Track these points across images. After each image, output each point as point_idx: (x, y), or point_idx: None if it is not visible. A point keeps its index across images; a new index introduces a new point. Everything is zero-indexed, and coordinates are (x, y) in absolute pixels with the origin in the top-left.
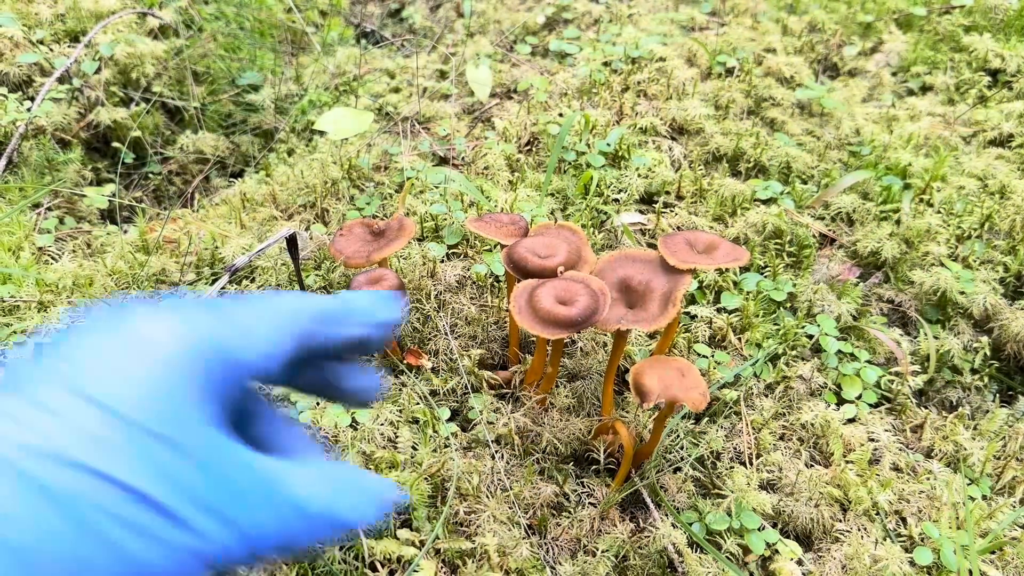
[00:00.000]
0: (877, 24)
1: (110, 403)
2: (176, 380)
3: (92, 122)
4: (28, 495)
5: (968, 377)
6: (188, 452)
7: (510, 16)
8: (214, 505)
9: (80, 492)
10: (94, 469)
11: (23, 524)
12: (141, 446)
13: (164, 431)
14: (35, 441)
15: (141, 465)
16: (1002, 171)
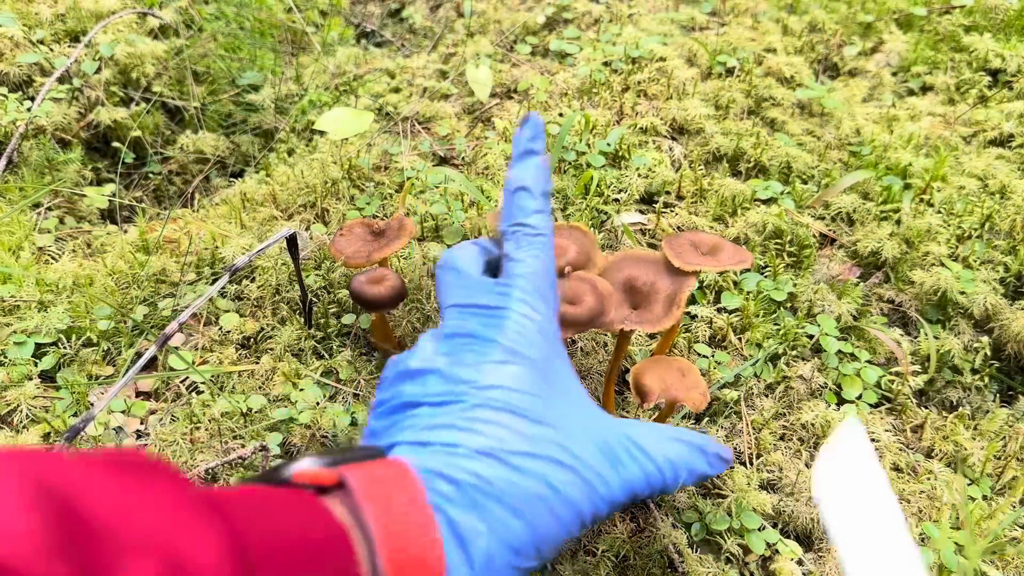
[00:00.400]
0: (877, 24)
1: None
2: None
3: (92, 122)
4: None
5: (968, 377)
6: (586, 435)
7: (510, 16)
8: (610, 465)
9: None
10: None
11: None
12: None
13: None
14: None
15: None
16: (1002, 171)
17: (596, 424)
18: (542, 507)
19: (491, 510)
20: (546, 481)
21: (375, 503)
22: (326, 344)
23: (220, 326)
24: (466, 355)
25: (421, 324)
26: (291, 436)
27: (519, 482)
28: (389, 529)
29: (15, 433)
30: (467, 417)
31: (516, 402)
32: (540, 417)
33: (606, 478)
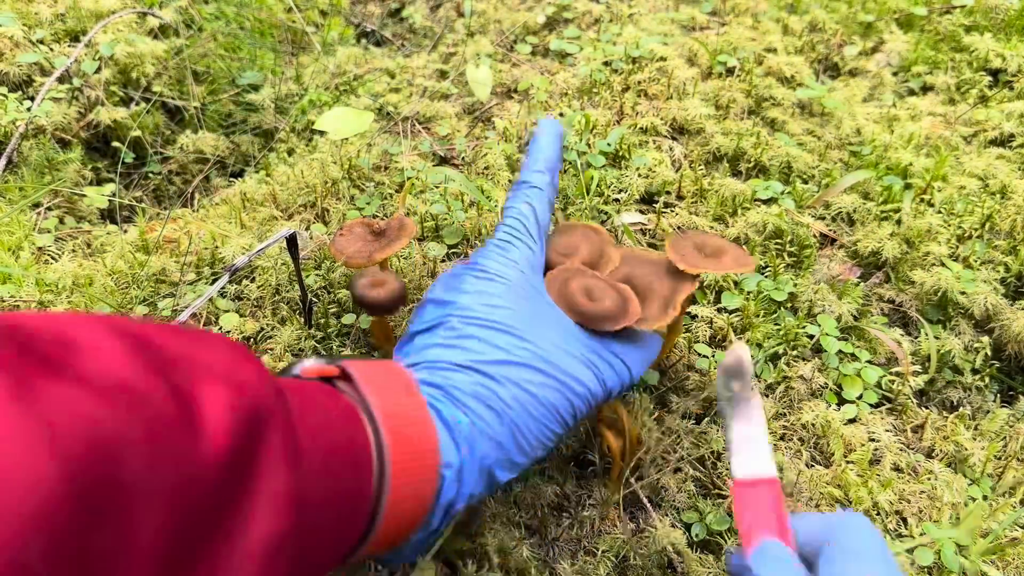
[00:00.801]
0: (878, 24)
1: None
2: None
3: (92, 122)
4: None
5: (969, 377)
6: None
7: (510, 16)
8: (584, 366)
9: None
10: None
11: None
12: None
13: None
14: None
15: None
16: (1003, 171)
17: (568, 334)
18: (518, 407)
19: (471, 406)
20: (520, 385)
21: (374, 386)
22: (326, 344)
23: (220, 326)
24: (453, 281)
25: None
26: None
27: (494, 387)
28: (388, 408)
29: None
30: (447, 336)
31: (491, 316)
32: (512, 328)
33: (582, 380)
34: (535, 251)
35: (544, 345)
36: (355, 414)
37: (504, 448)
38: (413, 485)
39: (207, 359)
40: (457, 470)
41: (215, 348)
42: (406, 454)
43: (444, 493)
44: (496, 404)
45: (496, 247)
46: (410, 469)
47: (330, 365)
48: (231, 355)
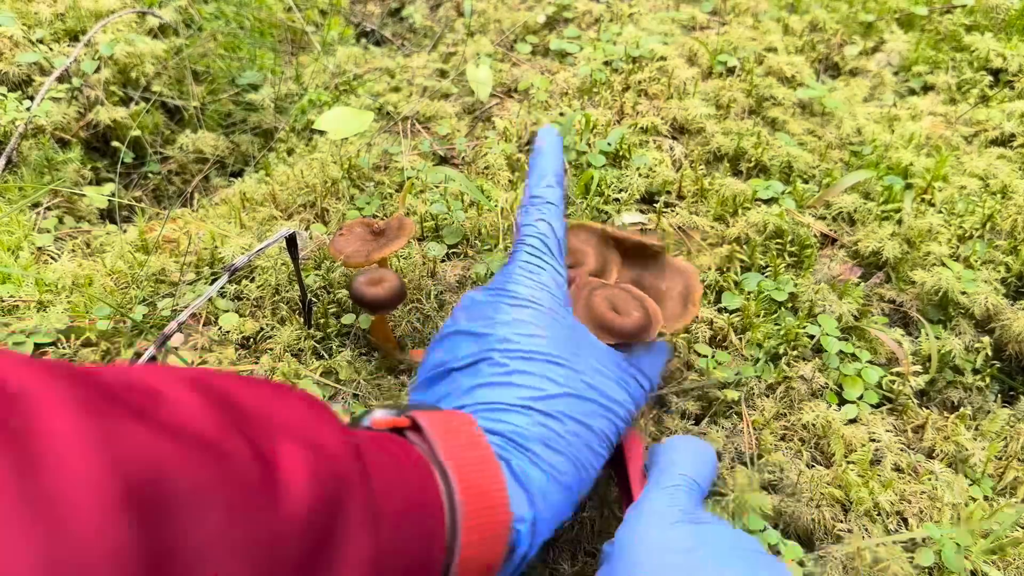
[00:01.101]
0: (878, 23)
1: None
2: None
3: (91, 121)
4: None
5: (970, 377)
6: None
7: (510, 15)
8: (621, 388)
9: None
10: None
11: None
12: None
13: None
14: None
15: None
16: (1004, 171)
17: (602, 355)
18: (578, 442)
19: (538, 453)
20: (576, 419)
21: (444, 439)
22: (326, 344)
23: (219, 326)
24: (483, 310)
25: (421, 324)
26: None
27: (555, 426)
28: (459, 462)
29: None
30: (494, 373)
31: (533, 346)
32: (556, 357)
33: (621, 401)
34: (560, 271)
35: (586, 370)
36: (427, 468)
37: (572, 489)
38: (485, 541)
39: (285, 417)
40: (531, 523)
41: (293, 406)
42: (478, 508)
43: (519, 547)
44: (560, 444)
45: (523, 269)
46: (482, 525)
47: (400, 416)
48: (309, 413)
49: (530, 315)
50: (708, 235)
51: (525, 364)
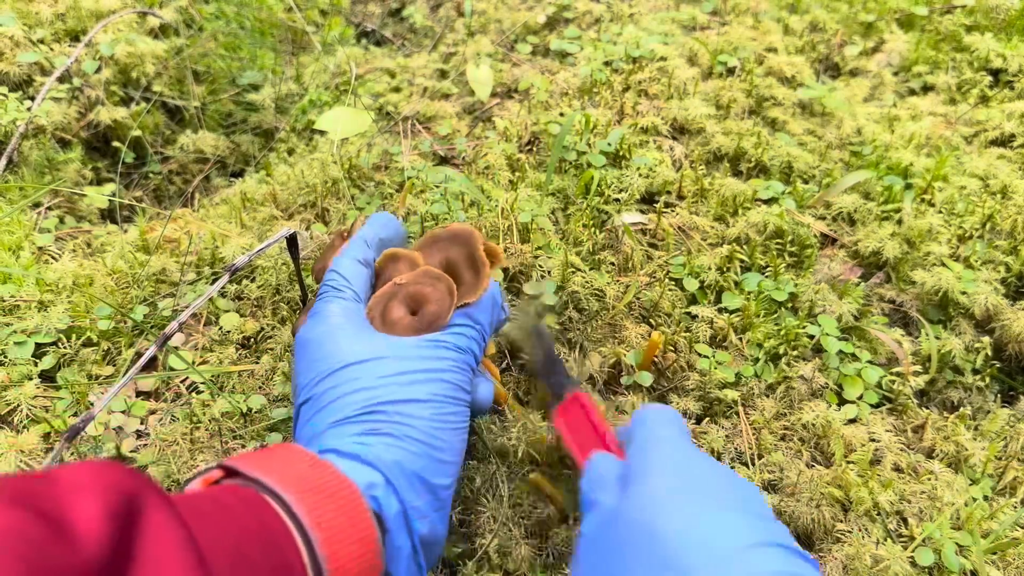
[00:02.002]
0: (879, 24)
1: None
2: None
3: (92, 121)
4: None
5: (970, 377)
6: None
7: (511, 15)
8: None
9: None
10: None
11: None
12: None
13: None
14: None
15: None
16: (1004, 171)
17: (400, 345)
18: (408, 407)
19: (369, 441)
20: (399, 397)
21: (264, 466)
22: None
23: (220, 326)
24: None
25: None
26: (291, 436)
27: (378, 414)
28: (288, 478)
29: (15, 433)
30: (316, 405)
31: (334, 361)
32: (354, 361)
33: (471, 348)
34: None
35: (391, 359)
36: (256, 497)
37: (422, 454)
38: (346, 530)
39: (72, 478)
40: (384, 483)
41: (79, 468)
42: (324, 507)
43: (386, 510)
44: (392, 422)
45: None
46: (335, 518)
47: (209, 472)
48: (96, 466)
49: (321, 336)
50: (708, 235)
51: (331, 380)
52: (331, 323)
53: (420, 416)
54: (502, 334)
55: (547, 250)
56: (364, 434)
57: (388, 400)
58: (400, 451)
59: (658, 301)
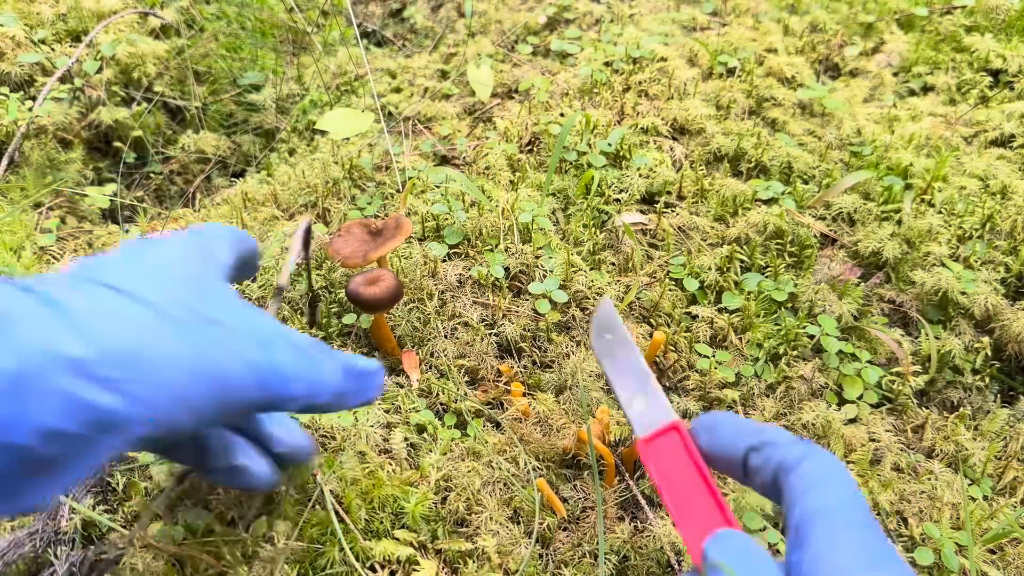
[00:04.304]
0: (878, 24)
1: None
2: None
3: (93, 122)
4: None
5: (969, 377)
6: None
7: (511, 16)
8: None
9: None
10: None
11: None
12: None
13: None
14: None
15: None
16: (1003, 171)
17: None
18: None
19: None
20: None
21: None
22: (327, 344)
23: None
24: None
25: (422, 324)
26: None
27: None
28: None
29: None
30: None
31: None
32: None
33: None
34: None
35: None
36: None
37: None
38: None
39: None
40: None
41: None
42: None
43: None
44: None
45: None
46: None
47: None
48: None
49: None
50: (708, 235)
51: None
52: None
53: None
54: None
55: (548, 250)
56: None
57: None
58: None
59: (658, 301)
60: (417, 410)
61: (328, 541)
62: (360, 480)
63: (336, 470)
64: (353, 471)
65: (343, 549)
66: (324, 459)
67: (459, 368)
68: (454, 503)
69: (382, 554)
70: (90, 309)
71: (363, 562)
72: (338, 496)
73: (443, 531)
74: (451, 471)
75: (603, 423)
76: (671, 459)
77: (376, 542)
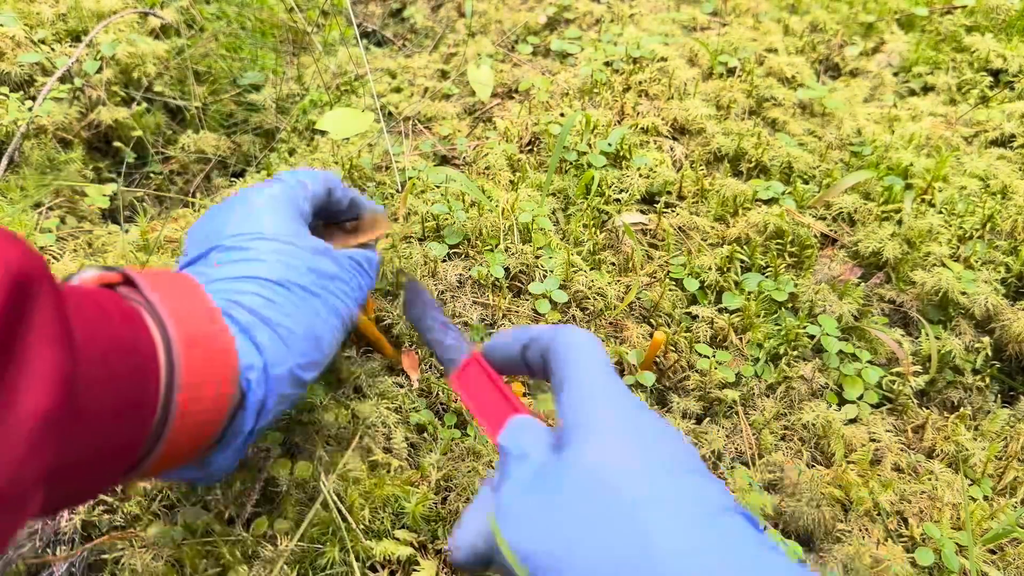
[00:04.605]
0: (879, 24)
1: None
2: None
3: (93, 121)
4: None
5: (970, 378)
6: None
7: (511, 16)
8: (357, 273)
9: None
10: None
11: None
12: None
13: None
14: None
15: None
16: (1004, 171)
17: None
18: (304, 306)
19: (261, 312)
20: (299, 285)
21: (161, 290)
22: None
23: None
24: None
25: None
26: (292, 435)
27: (280, 292)
28: (176, 309)
29: None
30: (248, 256)
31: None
32: (283, 239)
33: (344, 278)
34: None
35: (330, 258)
36: (138, 315)
37: (302, 349)
38: (208, 386)
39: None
40: (262, 370)
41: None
42: (198, 354)
43: (252, 395)
44: (285, 309)
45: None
46: (204, 370)
47: (110, 272)
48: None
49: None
50: (708, 235)
51: (273, 246)
52: (276, 196)
53: (309, 310)
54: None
55: (548, 250)
56: (259, 312)
57: (284, 281)
58: (283, 346)
59: (659, 301)
60: (417, 410)
61: (328, 541)
62: (363, 479)
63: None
64: (356, 471)
65: (345, 549)
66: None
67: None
68: (454, 503)
69: (383, 554)
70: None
71: (363, 562)
72: (340, 495)
73: (443, 531)
74: (451, 471)
75: None
76: (476, 383)
77: (377, 542)
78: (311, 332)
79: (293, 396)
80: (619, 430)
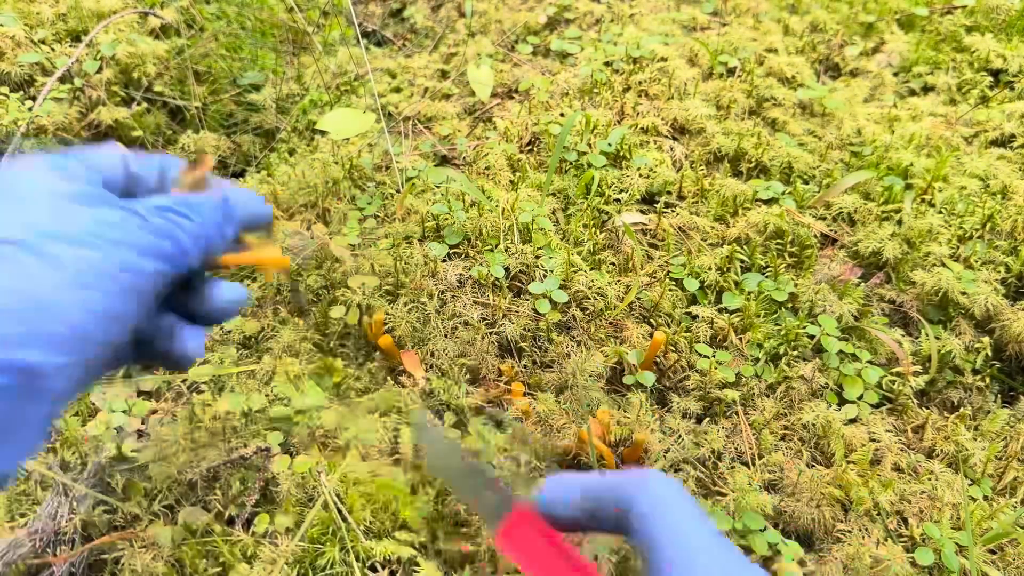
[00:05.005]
0: (879, 24)
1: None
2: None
3: (93, 121)
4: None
5: (969, 377)
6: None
7: (511, 16)
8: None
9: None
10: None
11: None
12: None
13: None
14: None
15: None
16: (1004, 171)
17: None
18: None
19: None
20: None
21: None
22: (326, 344)
23: (221, 326)
24: None
25: (421, 324)
26: (292, 435)
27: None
28: None
29: None
30: None
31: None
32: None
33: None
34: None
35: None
36: None
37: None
38: None
39: None
40: None
41: None
42: None
43: None
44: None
45: None
46: None
47: None
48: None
49: None
50: (708, 235)
51: None
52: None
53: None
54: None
55: (548, 250)
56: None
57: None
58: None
59: (659, 301)
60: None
61: (328, 541)
62: (363, 481)
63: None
64: (356, 472)
65: (345, 549)
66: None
67: (460, 367)
68: (455, 503)
69: (383, 554)
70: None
71: (363, 562)
72: (340, 495)
73: (443, 532)
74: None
75: (603, 423)
76: (530, 543)
77: (377, 542)
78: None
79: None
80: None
